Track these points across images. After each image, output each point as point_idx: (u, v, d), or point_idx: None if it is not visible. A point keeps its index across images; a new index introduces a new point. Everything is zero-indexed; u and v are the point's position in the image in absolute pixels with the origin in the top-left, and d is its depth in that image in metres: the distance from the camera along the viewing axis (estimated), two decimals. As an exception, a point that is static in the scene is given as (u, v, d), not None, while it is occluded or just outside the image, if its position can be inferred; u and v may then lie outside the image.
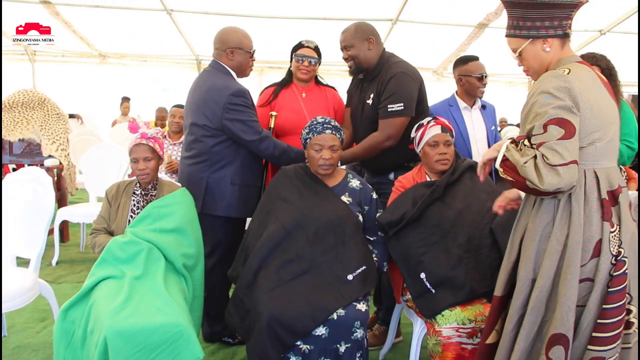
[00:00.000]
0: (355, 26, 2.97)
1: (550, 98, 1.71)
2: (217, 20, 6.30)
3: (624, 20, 6.13)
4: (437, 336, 2.30)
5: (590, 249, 1.76)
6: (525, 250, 1.86)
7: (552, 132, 1.68)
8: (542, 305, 1.79)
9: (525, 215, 1.91)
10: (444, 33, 6.57)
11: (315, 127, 2.55)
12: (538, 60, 1.86)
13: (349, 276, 2.36)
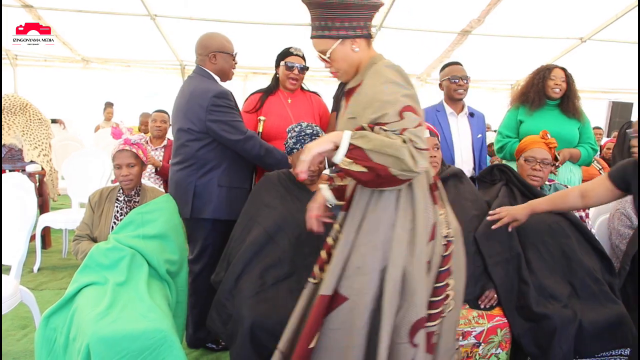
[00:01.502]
0: None
1: (395, 86, 1.70)
2: (201, 25, 6.29)
3: (605, 28, 6.23)
4: (420, 340, 2.32)
5: (428, 233, 1.78)
6: (367, 242, 1.75)
7: (410, 118, 1.65)
8: (397, 295, 1.72)
9: (359, 209, 1.79)
10: (427, 40, 6.62)
11: (303, 138, 2.54)
12: (348, 60, 1.84)
13: None
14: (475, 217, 2.60)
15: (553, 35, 6.55)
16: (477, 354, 2.38)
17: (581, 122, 3.46)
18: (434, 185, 1.87)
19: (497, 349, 2.42)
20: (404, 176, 1.64)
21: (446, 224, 1.86)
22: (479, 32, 6.39)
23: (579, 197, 2.35)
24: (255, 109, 3.17)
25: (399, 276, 1.71)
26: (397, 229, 1.74)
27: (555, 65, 3.49)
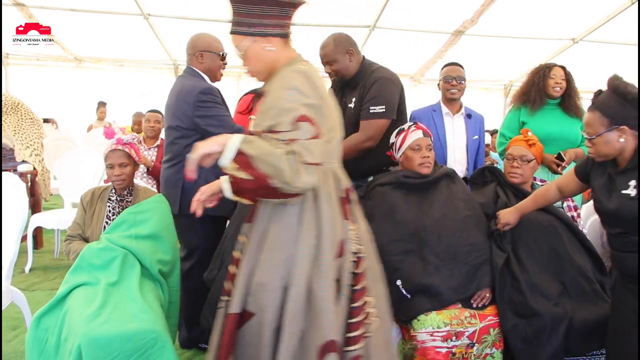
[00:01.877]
0: (334, 40, 3.04)
1: (298, 94, 1.63)
2: (195, 25, 6.26)
3: (597, 29, 6.25)
4: (411, 341, 2.33)
5: (335, 249, 1.71)
6: (270, 258, 1.69)
7: (305, 129, 1.59)
8: (300, 315, 1.65)
9: (262, 223, 1.74)
10: (421, 40, 6.62)
11: None
12: (261, 60, 1.78)
13: None
14: (467, 217, 2.61)
15: (546, 36, 6.57)
16: (472, 355, 2.38)
17: (582, 120, 3.42)
18: (346, 199, 1.80)
19: (491, 349, 2.42)
20: (286, 190, 1.57)
21: (357, 240, 1.79)
22: (473, 32, 6.40)
23: (557, 191, 2.44)
24: (247, 109, 3.19)
25: (302, 295, 1.65)
26: (300, 245, 1.67)
27: (554, 63, 3.48)
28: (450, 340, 2.33)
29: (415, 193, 2.66)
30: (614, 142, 2.04)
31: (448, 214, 2.59)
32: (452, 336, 2.33)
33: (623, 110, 2.01)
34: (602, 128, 2.05)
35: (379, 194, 2.64)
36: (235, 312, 1.69)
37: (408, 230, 2.53)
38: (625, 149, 2.05)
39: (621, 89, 2.01)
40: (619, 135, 2.02)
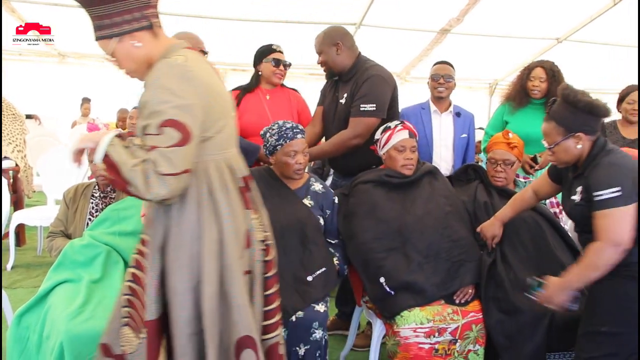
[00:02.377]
0: (324, 33, 3.05)
1: (170, 95, 1.54)
2: (180, 21, 6.22)
3: (581, 29, 6.31)
4: (395, 337, 2.34)
5: (242, 241, 1.70)
6: (174, 258, 1.64)
7: (169, 135, 1.51)
8: (217, 314, 1.62)
9: (161, 222, 1.67)
10: (407, 38, 6.64)
11: (285, 132, 2.53)
12: (133, 58, 1.67)
13: (308, 277, 2.39)
14: (449, 213, 2.63)
15: (530, 35, 6.62)
16: (455, 351, 2.40)
17: None
18: (245, 188, 1.78)
19: (474, 345, 2.44)
20: (149, 199, 1.54)
21: (262, 228, 1.78)
22: (458, 31, 6.42)
23: (533, 195, 2.46)
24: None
25: (215, 293, 1.62)
26: (204, 241, 1.63)
27: (538, 63, 3.49)
28: (433, 336, 2.35)
29: (398, 190, 2.68)
30: (573, 148, 2.09)
31: (430, 211, 2.60)
32: (435, 332, 2.35)
33: (575, 118, 2.06)
34: (559, 137, 2.10)
35: (362, 192, 2.65)
36: (150, 318, 1.64)
37: (390, 228, 2.54)
38: (583, 154, 2.10)
39: (571, 97, 2.06)
40: (575, 142, 2.08)
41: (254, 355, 1.64)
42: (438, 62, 3.54)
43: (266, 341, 1.74)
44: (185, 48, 1.69)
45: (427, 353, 2.34)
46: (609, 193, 1.96)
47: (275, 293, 1.79)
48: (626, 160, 2.04)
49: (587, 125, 2.06)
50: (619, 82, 4.02)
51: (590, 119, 2.06)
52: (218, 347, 1.62)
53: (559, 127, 2.10)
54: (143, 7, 1.64)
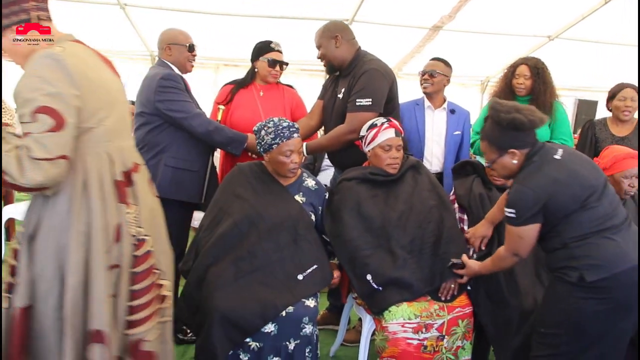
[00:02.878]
0: (323, 26, 3.06)
1: (41, 83, 1.55)
2: (172, 16, 6.21)
3: (573, 27, 6.34)
4: (383, 332, 2.36)
5: (111, 234, 1.70)
6: (43, 248, 1.66)
7: (42, 121, 1.53)
8: (79, 305, 1.64)
9: (35, 213, 1.70)
10: (399, 34, 6.63)
11: (282, 132, 2.52)
12: (17, 54, 1.71)
13: (299, 276, 2.39)
14: (434, 207, 2.64)
15: (522, 33, 6.64)
16: (444, 348, 2.42)
17: (551, 118, 3.41)
18: (123, 181, 1.77)
19: (462, 341, 2.46)
20: (20, 185, 1.54)
21: (135, 223, 1.78)
22: (450, 27, 6.44)
23: None
24: (226, 100, 3.21)
25: (77, 284, 1.64)
26: (71, 233, 1.64)
27: (522, 61, 3.49)
28: (420, 332, 2.36)
29: (382, 187, 2.69)
30: (509, 164, 2.14)
31: (413, 206, 2.61)
32: (422, 328, 2.37)
33: (505, 136, 2.12)
34: (494, 155, 2.16)
35: (346, 189, 2.66)
36: (21, 305, 1.65)
37: (375, 225, 2.55)
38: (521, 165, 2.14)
39: (495, 118, 2.11)
40: (510, 158, 2.12)
41: (103, 349, 1.64)
42: (431, 59, 3.55)
43: (129, 337, 1.74)
44: (71, 41, 1.72)
45: (416, 349, 2.36)
46: (507, 212, 2.07)
47: (145, 289, 1.77)
48: (541, 180, 2.04)
49: (517, 141, 2.11)
50: (609, 80, 4.05)
51: (518, 134, 2.09)
52: (74, 336, 1.63)
53: (491, 146, 2.16)
54: (21, 1, 1.66)
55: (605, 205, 2.03)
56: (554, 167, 2.06)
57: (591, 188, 2.03)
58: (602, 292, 1.97)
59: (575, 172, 2.05)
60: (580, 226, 2.02)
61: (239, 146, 2.95)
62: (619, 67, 6.91)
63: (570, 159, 2.10)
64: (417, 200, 2.65)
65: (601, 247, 2.00)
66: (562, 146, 2.20)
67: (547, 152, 2.11)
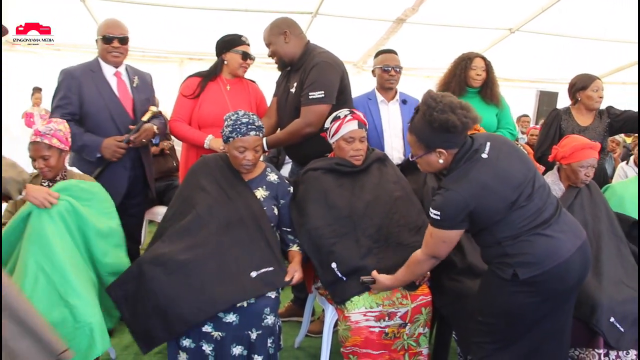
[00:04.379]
0: (270, 24, 3.07)
1: None
2: (135, 9, 6.13)
3: (533, 19, 6.44)
4: (346, 322, 2.38)
5: None
6: None
7: None
8: None
9: None
10: (363, 27, 6.65)
11: (239, 127, 2.52)
12: None
13: (252, 273, 2.37)
14: (399, 198, 2.68)
15: (484, 26, 6.73)
16: (405, 334, 2.46)
17: (499, 108, 3.63)
18: None
19: (424, 329, 2.51)
20: None
21: None
22: (414, 20, 6.47)
23: None
24: (194, 94, 3.17)
25: None
26: None
27: (476, 54, 3.62)
28: (383, 320, 2.40)
29: (348, 177, 2.72)
30: (435, 162, 2.10)
31: (379, 196, 2.65)
32: (385, 316, 2.40)
33: (434, 136, 2.05)
34: (420, 151, 2.11)
35: (312, 179, 2.68)
36: None
37: (340, 214, 2.58)
38: (447, 165, 2.11)
39: (427, 116, 2.03)
40: (437, 156, 2.08)
41: None
42: (384, 51, 3.57)
43: None
44: None
45: (378, 336, 2.39)
46: (432, 214, 2.05)
47: None
48: (470, 185, 1.99)
49: (447, 142, 2.05)
50: (569, 72, 4.15)
51: (449, 136, 2.03)
52: None
53: (419, 142, 2.10)
54: None
55: (535, 201, 2.02)
56: (483, 170, 2.01)
57: (521, 187, 2.01)
58: (535, 286, 2.00)
59: (504, 171, 2.02)
60: (512, 225, 2.01)
61: (90, 153, 2.99)
62: (578, 59, 7.07)
63: (498, 156, 2.04)
64: (383, 191, 2.69)
65: (534, 244, 2.00)
66: (489, 137, 2.15)
67: (475, 152, 2.05)
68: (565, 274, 2.02)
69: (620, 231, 2.81)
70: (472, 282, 2.46)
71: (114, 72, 3.12)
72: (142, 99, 3.17)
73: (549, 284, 2.01)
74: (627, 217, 2.97)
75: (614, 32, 6.63)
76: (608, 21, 6.35)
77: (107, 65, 3.10)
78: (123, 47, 3.09)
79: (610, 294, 2.49)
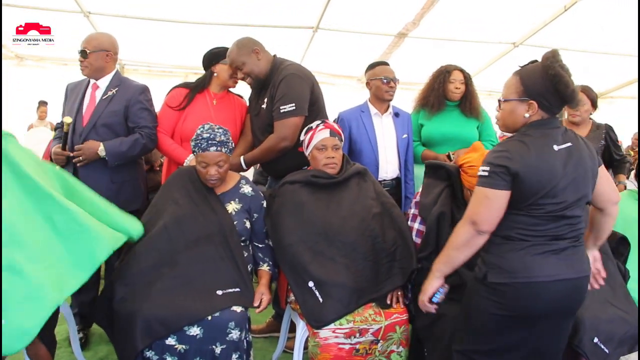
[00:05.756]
0: (236, 45, 3.01)
1: None
2: (139, 24, 6.20)
3: (536, 33, 6.39)
4: (315, 338, 2.33)
5: None
6: None
7: None
8: None
9: None
10: (365, 42, 6.63)
11: (200, 142, 2.51)
12: None
13: (218, 292, 2.34)
14: (377, 214, 2.63)
15: (488, 40, 6.69)
16: (377, 351, 2.40)
17: (480, 120, 3.60)
18: None
19: (398, 347, 2.44)
20: None
21: None
22: (415, 35, 6.45)
23: None
24: (181, 106, 3.14)
25: None
26: None
27: (454, 66, 3.59)
28: (353, 336, 2.35)
29: (325, 191, 2.67)
30: (519, 114, 1.97)
31: (356, 212, 2.60)
32: (356, 333, 2.35)
33: (541, 86, 1.92)
34: (515, 95, 1.98)
35: (288, 192, 2.65)
36: None
37: (316, 230, 2.53)
38: (525, 124, 1.98)
39: (546, 63, 1.93)
40: (526, 109, 1.95)
41: None
42: (379, 63, 3.53)
43: None
44: None
45: (348, 353, 2.34)
46: (481, 170, 1.94)
47: None
48: (522, 149, 1.91)
49: (547, 99, 1.93)
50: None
51: (554, 94, 1.92)
52: None
53: (520, 85, 1.97)
54: None
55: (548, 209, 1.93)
56: (545, 151, 1.93)
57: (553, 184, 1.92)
58: (504, 297, 1.94)
59: (560, 169, 1.93)
60: (512, 226, 1.96)
61: None
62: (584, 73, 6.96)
63: (567, 159, 1.95)
64: (360, 207, 2.64)
65: (514, 253, 1.95)
66: (574, 141, 2.01)
67: (552, 137, 1.96)
68: (537, 296, 1.94)
69: (607, 247, 2.73)
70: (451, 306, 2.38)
71: (92, 84, 3.14)
72: (113, 109, 3.05)
73: (520, 301, 1.95)
74: (615, 232, 2.88)
75: (620, 46, 6.54)
76: (614, 34, 6.27)
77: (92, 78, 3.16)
78: (86, 61, 3.10)
79: (595, 313, 2.41)
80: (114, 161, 2.94)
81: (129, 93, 3.11)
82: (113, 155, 2.94)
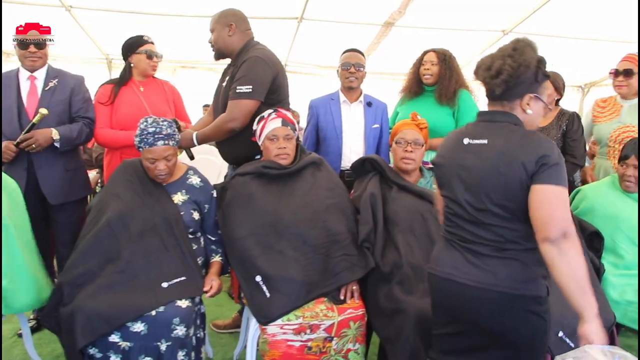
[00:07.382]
0: (220, 12, 3.00)
1: None
2: (124, 18, 6.14)
3: (525, 20, 6.27)
4: (263, 334, 2.27)
5: None
6: None
7: None
8: None
9: None
10: (352, 32, 6.53)
11: (146, 137, 2.44)
12: None
13: (163, 284, 2.29)
14: (331, 205, 2.55)
15: (477, 28, 6.57)
16: (332, 349, 2.32)
17: (452, 107, 3.36)
18: None
19: (354, 345, 2.37)
20: None
21: None
22: (404, 24, 6.35)
23: None
24: (109, 100, 3.19)
25: None
26: None
27: (431, 49, 3.45)
28: (303, 333, 2.27)
29: (277, 183, 2.60)
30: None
31: (308, 204, 2.53)
32: (306, 329, 2.28)
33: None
34: None
35: (239, 184, 2.58)
36: None
37: (266, 222, 2.46)
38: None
39: None
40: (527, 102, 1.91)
41: None
42: (348, 50, 3.48)
43: None
44: None
45: (299, 351, 2.27)
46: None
47: None
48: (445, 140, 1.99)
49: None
50: (566, 73, 4.00)
51: None
52: None
53: None
54: None
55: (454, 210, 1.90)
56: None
57: (446, 179, 1.96)
58: (431, 288, 1.99)
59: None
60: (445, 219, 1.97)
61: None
62: (576, 60, 6.86)
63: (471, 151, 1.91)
64: (314, 198, 2.56)
65: (439, 244, 1.99)
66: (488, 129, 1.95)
67: (470, 127, 2.00)
68: (442, 292, 1.92)
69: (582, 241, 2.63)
70: (411, 297, 2.31)
71: (28, 76, 3.13)
72: (58, 99, 3.10)
73: (440, 296, 1.94)
74: (588, 225, 2.80)
75: (611, 33, 6.40)
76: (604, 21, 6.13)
77: (23, 70, 3.15)
78: (41, 52, 3.15)
79: (560, 310, 2.31)
80: (64, 146, 2.99)
81: (70, 83, 3.19)
82: (66, 140, 3.01)
